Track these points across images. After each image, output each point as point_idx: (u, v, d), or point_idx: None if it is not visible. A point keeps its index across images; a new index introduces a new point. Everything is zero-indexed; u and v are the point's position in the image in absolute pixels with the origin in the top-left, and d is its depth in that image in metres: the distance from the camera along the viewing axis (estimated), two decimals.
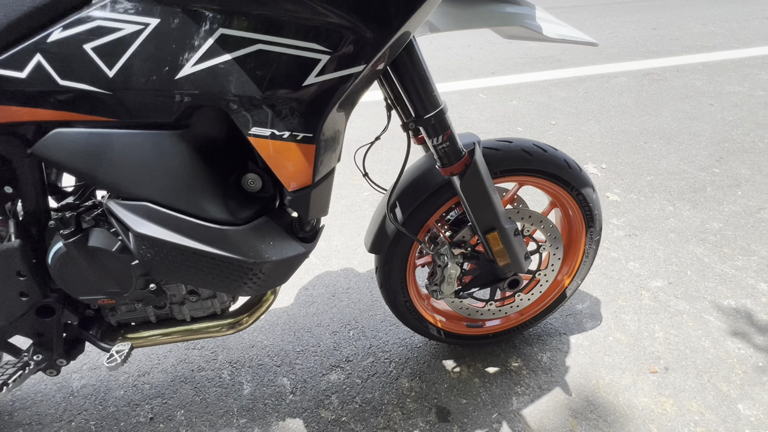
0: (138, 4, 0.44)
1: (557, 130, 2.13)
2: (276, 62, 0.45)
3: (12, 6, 0.47)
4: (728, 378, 1.01)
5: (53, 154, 0.52)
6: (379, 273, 0.90)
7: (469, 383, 1.01)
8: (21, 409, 0.98)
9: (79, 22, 0.46)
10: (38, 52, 0.48)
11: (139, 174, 0.50)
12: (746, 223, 1.49)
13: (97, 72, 0.47)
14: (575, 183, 0.85)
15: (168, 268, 0.55)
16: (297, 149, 0.50)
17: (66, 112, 0.51)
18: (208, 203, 0.53)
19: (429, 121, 0.64)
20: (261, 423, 0.94)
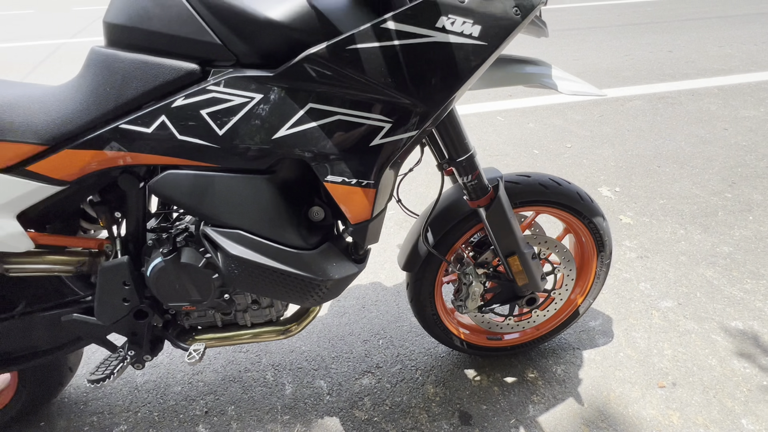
0: (246, 83, 0.58)
1: (572, 153, 2.23)
2: (350, 129, 0.59)
3: (147, 78, 0.62)
4: (733, 395, 1.08)
5: (166, 190, 0.67)
6: (410, 289, 1.02)
7: (489, 391, 1.11)
8: (93, 400, 1.12)
9: (199, 93, 0.60)
10: (164, 113, 0.62)
11: (235, 208, 0.64)
12: (756, 248, 1.55)
13: (209, 131, 0.61)
14: (587, 213, 0.96)
15: (251, 282, 0.68)
16: (361, 192, 0.63)
17: (178, 159, 0.65)
18: (287, 232, 0.66)
19: (461, 163, 0.76)
20: (302, 420, 1.06)
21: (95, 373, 0.78)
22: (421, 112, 0.59)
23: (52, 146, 0.65)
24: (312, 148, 0.59)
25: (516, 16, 0.57)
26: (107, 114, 0.64)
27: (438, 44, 0.56)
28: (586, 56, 3.82)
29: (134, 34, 0.61)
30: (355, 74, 0.56)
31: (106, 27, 0.64)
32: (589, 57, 3.80)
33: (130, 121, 0.63)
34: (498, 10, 0.56)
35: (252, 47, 0.57)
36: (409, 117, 0.59)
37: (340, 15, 0.55)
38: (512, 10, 0.57)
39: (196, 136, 0.61)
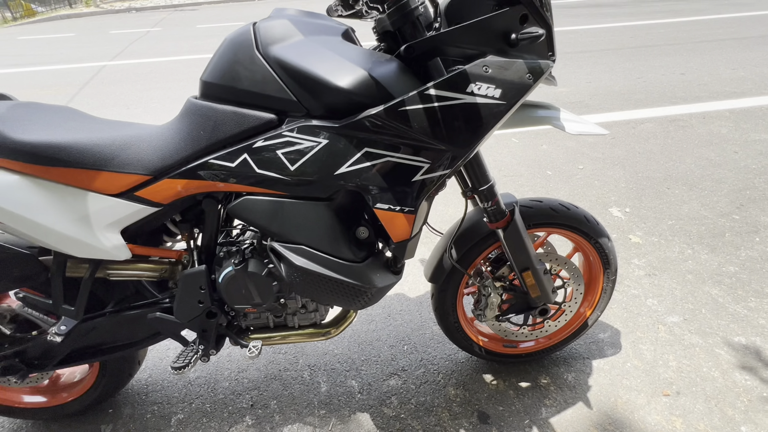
0: (315, 130, 0.73)
1: (584, 175, 2.34)
2: (397, 168, 0.74)
3: (234, 125, 0.78)
4: (734, 404, 1.16)
5: (242, 212, 0.82)
6: (435, 299, 1.15)
7: (505, 394, 1.22)
8: (153, 392, 1.28)
9: (276, 137, 0.76)
10: (246, 152, 0.78)
11: (299, 228, 0.79)
12: (762, 268, 1.63)
13: (283, 167, 0.76)
14: (593, 234, 1.08)
15: (310, 289, 0.83)
16: (403, 217, 0.77)
17: (254, 188, 0.81)
18: (341, 247, 0.80)
19: (482, 192, 0.91)
20: (337, 415, 1.19)
21: (176, 362, 0.93)
22: (453, 156, 0.74)
23: (155, 176, 0.82)
24: (365, 182, 0.74)
25: (529, 81, 0.72)
26: (200, 151, 0.80)
27: (468, 105, 0.70)
28: (599, 78, 3.94)
29: (226, 90, 0.78)
30: (403, 128, 0.71)
31: (203, 84, 0.81)
32: (601, 79, 3.91)
33: (218, 157, 0.79)
34: (515, 77, 0.71)
35: (320, 104, 0.73)
36: (444, 159, 0.74)
37: (392, 82, 0.70)
38: (526, 76, 0.72)
39: (271, 170, 0.77)
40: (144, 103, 3.90)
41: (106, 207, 0.82)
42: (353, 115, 0.71)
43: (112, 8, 13.16)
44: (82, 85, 4.61)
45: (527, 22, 0.73)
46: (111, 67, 5.37)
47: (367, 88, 0.70)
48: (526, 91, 0.72)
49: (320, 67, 0.70)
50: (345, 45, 0.75)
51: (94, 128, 0.84)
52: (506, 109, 0.73)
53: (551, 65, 0.75)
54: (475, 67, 0.70)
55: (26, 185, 0.78)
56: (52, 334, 0.89)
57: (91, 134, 0.81)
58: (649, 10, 7.48)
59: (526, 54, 0.75)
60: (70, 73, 5.19)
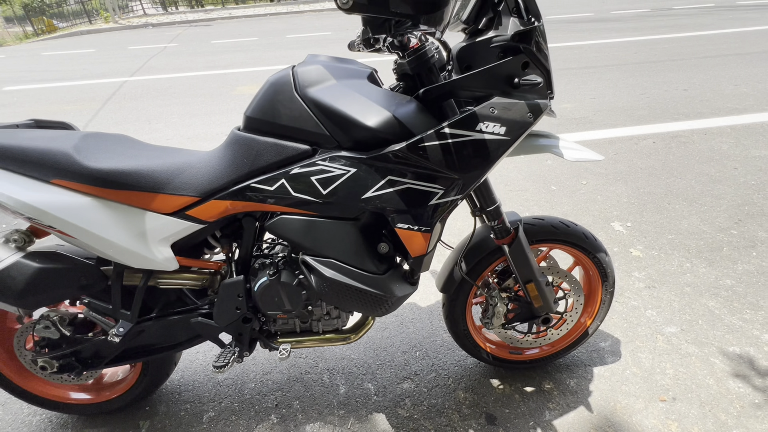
0: (345, 160, 0.85)
1: (587, 190, 2.44)
2: (415, 193, 0.85)
3: (274, 154, 0.90)
4: (727, 410, 1.24)
5: (278, 229, 0.94)
6: (445, 307, 1.25)
7: (511, 398, 1.31)
8: (185, 392, 1.39)
9: (310, 165, 0.88)
10: (283, 177, 0.90)
11: (329, 244, 0.90)
12: (757, 282, 1.71)
13: (316, 191, 0.88)
14: (591, 249, 1.18)
15: (337, 298, 0.94)
16: (420, 236, 0.88)
17: (290, 208, 0.93)
18: (366, 261, 0.91)
19: (489, 212, 1.02)
20: (355, 415, 1.28)
21: (217, 362, 1.04)
22: (464, 183, 0.85)
23: (203, 197, 0.94)
24: (388, 205, 0.86)
25: (529, 119, 0.83)
26: (243, 176, 0.93)
27: (477, 140, 0.82)
28: (603, 95, 4.05)
29: (267, 125, 0.90)
30: (422, 160, 0.82)
31: (247, 118, 0.93)
32: (605, 95, 4.02)
33: (258, 182, 0.91)
34: (517, 116, 0.82)
35: (350, 138, 0.84)
36: (456, 186, 0.85)
37: (412, 121, 0.82)
38: (527, 115, 0.83)
39: (305, 194, 0.89)
40: (164, 118, 4.09)
41: (161, 224, 0.94)
42: (379, 149, 0.83)
43: (130, 24, 13.64)
44: (105, 101, 4.83)
45: (528, 67, 0.85)
46: (132, 83, 5.61)
47: (390, 127, 0.82)
48: (528, 128, 0.84)
49: (351, 108, 0.82)
50: (371, 88, 0.87)
51: (151, 155, 0.97)
52: (510, 143, 0.84)
53: (549, 105, 0.86)
54: (483, 108, 0.82)
55: (96, 205, 0.90)
56: (112, 335, 1.01)
57: (149, 161, 0.94)
58: (653, 25, 7.60)
59: (528, 94, 0.86)
60: (93, 88, 5.44)
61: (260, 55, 6.96)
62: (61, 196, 0.88)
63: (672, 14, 8.85)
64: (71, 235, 0.90)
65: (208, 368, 1.46)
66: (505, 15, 0.87)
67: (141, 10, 17.74)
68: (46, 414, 1.32)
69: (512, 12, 0.87)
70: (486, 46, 0.86)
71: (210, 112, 4.18)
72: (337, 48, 7.10)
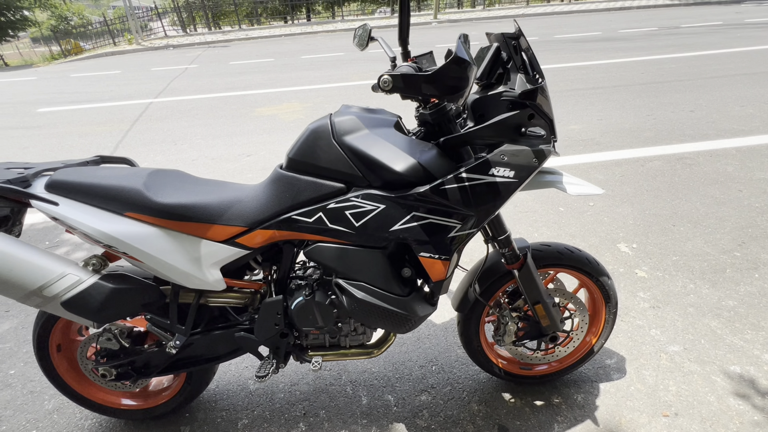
0: (375, 198, 0.98)
1: (594, 211, 2.54)
2: (436, 227, 0.98)
3: (312, 191, 1.05)
4: (727, 426, 1.32)
5: (315, 256, 1.08)
6: (460, 325, 1.37)
7: (522, 411, 1.41)
8: (220, 401, 1.51)
9: (344, 201, 1.02)
10: (321, 211, 1.04)
11: (360, 269, 1.04)
12: (759, 303, 1.78)
13: (349, 223, 1.01)
14: (595, 273, 1.29)
15: (366, 316, 1.06)
16: (440, 263, 1.01)
17: (325, 237, 1.06)
18: (392, 284, 1.04)
19: (501, 240, 1.14)
20: (377, 424, 1.39)
21: (259, 372, 1.17)
22: (478, 219, 0.99)
23: (250, 227, 1.08)
24: (412, 237, 0.99)
25: (535, 164, 0.96)
26: (285, 209, 1.07)
27: (490, 183, 0.95)
28: (610, 116, 4.16)
29: (307, 165, 1.05)
30: (442, 200, 0.96)
31: (290, 159, 1.08)
32: (612, 117, 4.14)
33: (299, 214, 1.06)
34: (524, 161, 0.96)
35: (380, 179, 0.98)
36: (471, 221, 0.99)
37: (433, 166, 0.96)
38: (533, 160, 0.96)
39: (340, 225, 1.03)
40: (189, 139, 4.33)
41: (214, 251, 1.08)
42: (405, 190, 0.97)
43: (152, 45, 14.26)
44: (133, 122, 5.11)
45: (534, 118, 0.98)
46: (157, 104, 5.91)
47: (415, 171, 0.96)
48: (533, 171, 0.97)
49: (382, 155, 0.97)
50: (398, 136, 1.01)
51: (206, 190, 1.12)
52: (519, 184, 0.97)
53: (552, 150, 0.99)
54: (495, 155, 0.95)
55: (160, 234, 1.05)
56: (170, 347, 1.15)
57: (205, 196, 1.09)
58: (661, 45, 7.72)
59: (534, 140, 1.00)
60: (121, 109, 5.75)
61: (277, 77, 7.26)
62: (133, 227, 1.03)
63: (679, 33, 8.97)
64: (140, 260, 1.05)
65: (241, 380, 1.58)
66: (513, 72, 1.02)
67: (162, 31, 18.54)
68: (97, 419, 1.46)
69: (519, 69, 1.01)
70: (497, 99, 1.00)
71: (231, 133, 4.41)
72: (352, 68, 7.36)
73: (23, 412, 1.49)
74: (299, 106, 5.28)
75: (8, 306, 2.03)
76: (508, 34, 0.99)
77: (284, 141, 4.03)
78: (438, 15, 16.10)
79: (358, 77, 6.62)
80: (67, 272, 1.01)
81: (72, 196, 1.04)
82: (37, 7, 23.41)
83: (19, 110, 6.20)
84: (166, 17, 21.43)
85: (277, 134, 4.26)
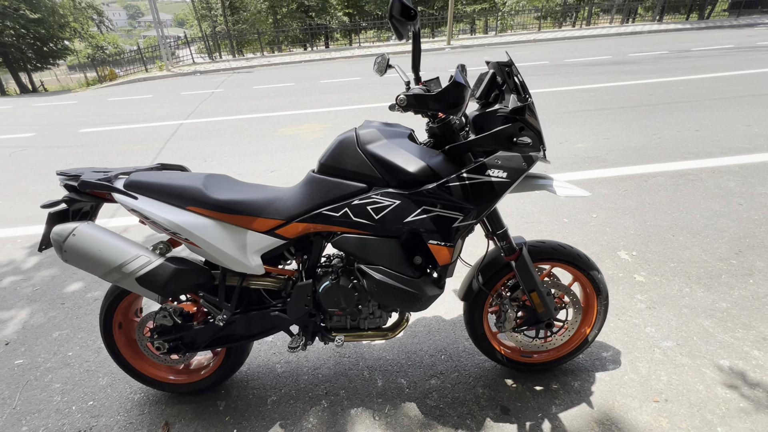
0: (392, 195, 1.19)
1: (597, 222, 2.69)
2: (443, 218, 1.18)
3: (340, 190, 1.26)
4: (713, 411, 1.43)
5: (341, 245, 1.28)
6: (466, 314, 1.54)
7: (523, 394, 1.55)
8: (251, 380, 1.70)
9: (366, 198, 1.23)
10: (346, 207, 1.25)
11: (379, 255, 1.23)
12: (752, 305, 1.89)
13: (370, 216, 1.22)
14: (585, 267, 1.45)
15: (384, 296, 1.25)
16: (446, 249, 1.20)
17: (350, 229, 1.27)
18: (406, 268, 1.23)
19: (499, 234, 1.33)
20: (391, 403, 1.55)
21: (291, 344, 1.37)
22: (477, 212, 1.18)
23: (287, 221, 1.30)
24: (423, 227, 1.19)
25: (524, 167, 1.16)
26: (316, 206, 1.28)
27: (487, 182, 1.15)
28: (617, 135, 4.32)
29: (336, 169, 1.27)
30: (447, 195, 1.16)
31: (321, 164, 1.30)
32: (618, 136, 4.30)
33: (328, 210, 1.27)
34: (515, 165, 1.16)
35: (396, 180, 1.19)
36: (472, 213, 1.18)
37: (440, 168, 1.16)
38: (522, 164, 1.16)
39: (362, 219, 1.24)
40: (218, 156, 4.67)
41: (257, 240, 1.30)
42: (416, 188, 1.18)
43: (181, 71, 15.18)
44: (166, 141, 5.51)
45: (524, 130, 1.19)
46: (187, 125, 6.35)
47: (425, 173, 1.17)
48: (523, 173, 1.17)
49: (398, 159, 1.18)
50: (411, 145, 1.23)
51: (251, 190, 1.35)
52: (510, 184, 1.17)
53: (540, 156, 1.19)
54: (491, 159, 1.16)
55: (215, 225, 1.28)
56: (218, 320, 1.36)
57: (250, 195, 1.32)
58: (670, 67, 7.88)
59: (524, 148, 1.20)
60: (154, 130, 6.20)
61: (298, 100, 7.69)
62: (194, 218, 1.26)
63: (689, 56, 9.13)
64: (198, 246, 1.27)
65: (269, 364, 1.77)
66: (507, 93, 1.23)
67: (190, 58, 19.70)
68: (145, 393, 1.66)
69: (512, 90, 1.22)
70: (493, 115, 1.21)
71: (257, 151, 4.73)
72: (368, 92, 7.75)
73: (81, 387, 1.71)
74: (319, 126, 5.62)
75: (63, 299, 2.29)
76: (502, 62, 1.21)
77: (306, 158, 4.32)
78: (451, 41, 16.70)
79: (373, 100, 6.98)
80: (140, 254, 1.24)
81: (146, 193, 1.28)
82: (77, 37, 25.23)
83: (63, 131, 6.74)
84: (194, 45, 22.76)
85: (298, 152, 4.56)
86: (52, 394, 1.68)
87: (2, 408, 1.63)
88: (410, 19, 1.06)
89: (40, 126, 7.42)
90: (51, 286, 2.42)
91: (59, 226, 1.23)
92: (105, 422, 1.55)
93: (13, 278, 2.52)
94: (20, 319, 2.14)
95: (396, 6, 1.04)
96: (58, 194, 3.88)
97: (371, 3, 24.93)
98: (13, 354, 1.91)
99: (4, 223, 3.33)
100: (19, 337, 2.02)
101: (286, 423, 1.50)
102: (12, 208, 3.64)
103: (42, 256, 2.75)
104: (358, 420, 1.49)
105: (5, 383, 1.75)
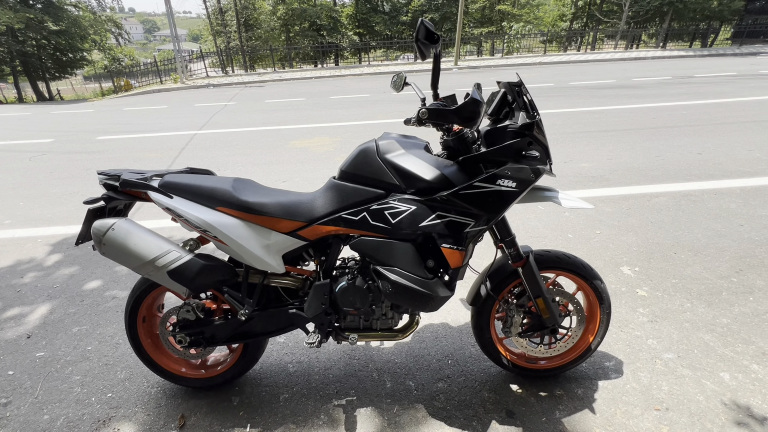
0: (408, 201, 1.28)
1: (600, 239, 2.76)
2: (455, 224, 1.26)
3: (358, 196, 1.36)
4: (713, 420, 1.47)
5: (358, 247, 1.37)
6: (473, 318, 1.60)
7: (527, 399, 1.59)
8: (264, 378, 1.76)
9: (384, 204, 1.32)
10: (365, 211, 1.34)
11: (395, 257, 1.31)
12: (751, 322, 1.94)
13: (387, 220, 1.31)
14: (588, 276, 1.52)
15: (398, 296, 1.33)
16: (458, 253, 1.28)
17: (368, 232, 1.36)
18: (419, 270, 1.31)
19: (507, 241, 1.41)
20: (399, 404, 1.60)
21: (308, 340, 1.44)
22: (487, 218, 1.27)
23: (308, 223, 1.39)
24: (436, 231, 1.28)
25: (532, 178, 1.25)
26: (336, 209, 1.37)
27: (496, 191, 1.24)
28: (620, 156, 4.43)
29: (356, 176, 1.36)
30: (460, 203, 1.25)
31: (342, 171, 1.39)
32: (622, 156, 4.40)
33: (347, 213, 1.36)
34: (524, 176, 1.25)
35: (412, 187, 1.29)
36: (482, 220, 1.27)
37: (454, 177, 1.26)
38: (530, 176, 1.25)
39: (380, 222, 1.32)
40: (231, 166, 4.80)
41: (280, 240, 1.39)
42: (431, 195, 1.27)
43: (195, 84, 15.60)
44: (180, 150, 5.68)
45: (532, 144, 1.28)
46: (200, 135, 6.54)
47: (440, 180, 1.26)
48: (531, 184, 1.26)
49: (415, 168, 1.28)
50: (426, 155, 1.33)
51: (275, 194, 1.45)
52: (519, 194, 1.26)
53: (547, 169, 1.29)
54: (501, 170, 1.25)
55: (241, 225, 1.37)
56: (241, 314, 1.44)
57: (275, 198, 1.41)
58: (673, 92, 8.06)
59: (532, 161, 1.29)
60: (169, 139, 6.38)
61: (308, 114, 7.90)
62: (223, 218, 1.36)
63: (692, 82, 9.31)
64: (225, 243, 1.36)
65: (282, 363, 1.83)
66: (517, 110, 1.33)
67: (204, 72, 20.25)
68: (162, 386, 1.72)
69: (521, 108, 1.33)
70: (504, 130, 1.31)
71: (268, 162, 4.87)
72: (377, 108, 7.96)
73: (100, 380, 1.78)
74: (329, 140, 5.77)
75: (82, 297, 2.37)
76: (513, 82, 1.32)
77: (316, 170, 4.45)
78: (458, 62, 17.11)
79: (382, 116, 7.16)
80: (172, 249, 1.33)
81: (179, 193, 1.38)
82: (95, 49, 26.04)
83: (81, 138, 6.95)
84: (207, 59, 23.40)
85: (309, 164, 4.69)
86: (72, 386, 1.75)
87: (25, 397, 1.70)
88: (433, 42, 1.17)
89: (58, 132, 7.65)
90: (70, 283, 2.50)
91: (99, 221, 1.32)
92: (123, 413, 1.61)
93: (35, 275, 2.61)
94: (41, 314, 2.23)
95: (422, 31, 1.15)
96: (76, 197, 4.01)
97: (381, 24, 25.68)
98: (35, 347, 1.98)
99: (25, 223, 3.45)
100: (40, 331, 2.10)
101: (298, 419, 1.55)
102: (32, 209, 3.77)
103: (61, 255, 2.85)
104: (367, 419, 1.54)
105: (27, 374, 1.82)
